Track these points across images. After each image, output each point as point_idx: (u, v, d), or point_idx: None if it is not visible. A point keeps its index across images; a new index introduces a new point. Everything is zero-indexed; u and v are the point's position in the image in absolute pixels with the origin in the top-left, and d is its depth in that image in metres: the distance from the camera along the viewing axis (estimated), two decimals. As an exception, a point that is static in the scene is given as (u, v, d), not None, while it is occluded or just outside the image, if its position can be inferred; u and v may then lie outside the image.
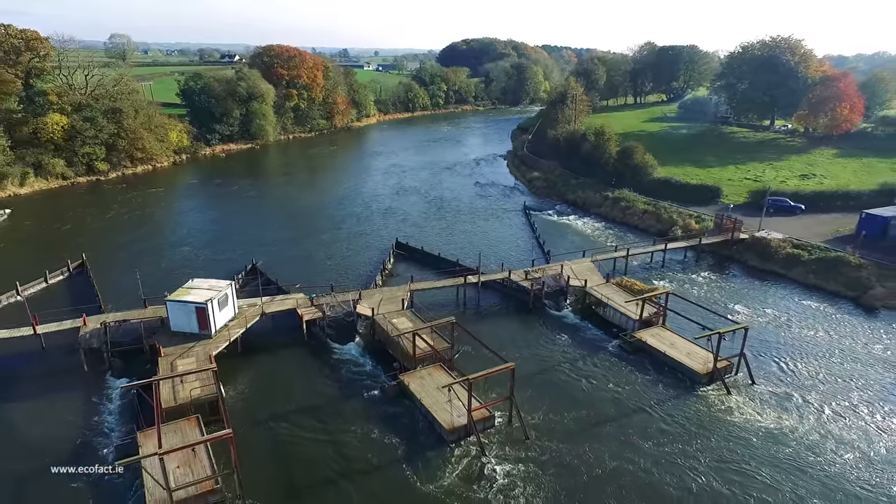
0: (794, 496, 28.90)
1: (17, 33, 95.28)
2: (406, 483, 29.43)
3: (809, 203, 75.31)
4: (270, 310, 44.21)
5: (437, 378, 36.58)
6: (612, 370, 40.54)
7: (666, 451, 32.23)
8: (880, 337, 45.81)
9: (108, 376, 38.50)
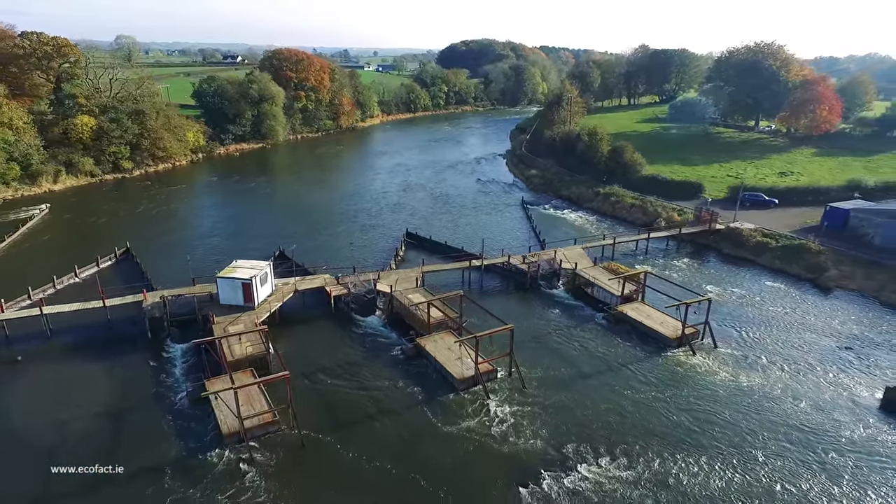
0: (748, 430, 35.71)
1: (48, 40, 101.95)
2: (427, 420, 36.25)
3: (783, 198, 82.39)
4: (302, 287, 51.08)
5: (449, 341, 43.45)
6: (597, 337, 47.44)
7: (643, 398, 39.10)
8: (831, 312, 52.81)
9: (168, 341, 45.26)
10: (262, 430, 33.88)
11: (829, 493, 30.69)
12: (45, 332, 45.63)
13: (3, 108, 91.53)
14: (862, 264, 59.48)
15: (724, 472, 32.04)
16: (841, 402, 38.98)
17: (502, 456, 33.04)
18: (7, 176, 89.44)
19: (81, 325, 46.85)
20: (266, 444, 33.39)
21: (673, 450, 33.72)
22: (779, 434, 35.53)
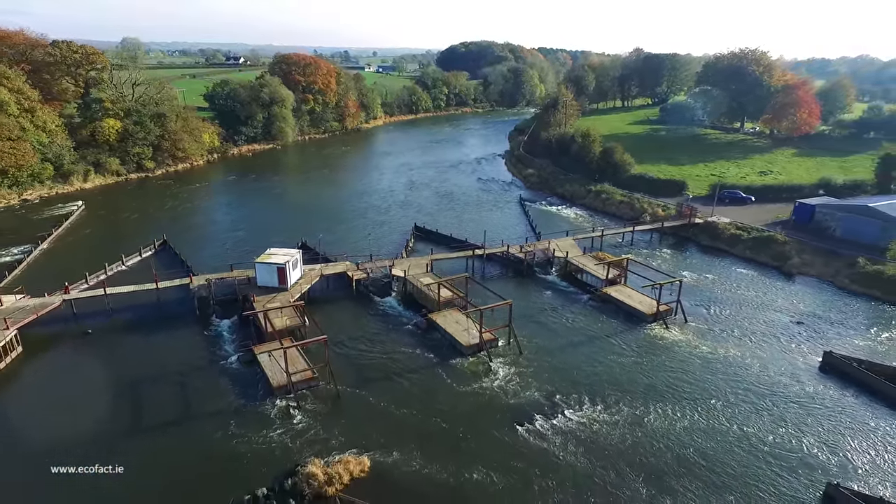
0: (709, 386, 42.86)
1: (77, 49, 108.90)
2: (441, 378, 43.41)
3: (759, 195, 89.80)
4: (327, 272, 58.24)
5: (456, 316, 50.67)
6: (585, 315, 54.68)
7: (622, 361, 46.31)
8: (791, 294, 60.17)
9: (214, 317, 52.34)
10: (305, 384, 41.01)
11: (774, 432, 37.84)
12: (107, 310, 52.70)
13: (38, 112, 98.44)
14: (821, 253, 66.86)
15: (687, 417, 39.25)
16: (789, 364, 46.27)
17: (504, 404, 40.23)
18: (42, 175, 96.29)
19: (137, 305, 53.94)
20: (308, 396, 40.52)
21: (645, 400, 40.93)
22: (736, 389, 42.74)
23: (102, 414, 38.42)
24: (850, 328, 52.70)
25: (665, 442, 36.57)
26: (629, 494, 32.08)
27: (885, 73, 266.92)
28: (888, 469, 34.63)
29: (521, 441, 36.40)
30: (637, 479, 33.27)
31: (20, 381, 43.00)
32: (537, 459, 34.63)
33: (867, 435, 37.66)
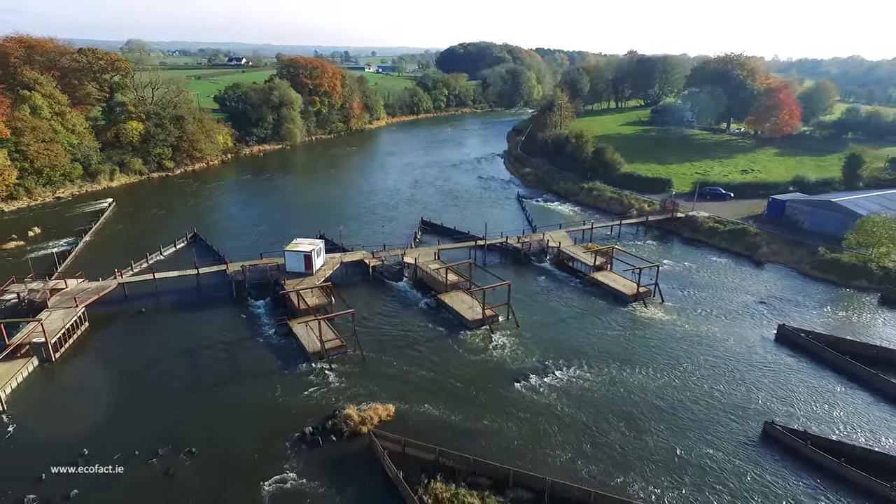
0: (680, 353, 50.24)
1: (102, 55, 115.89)
2: (450, 347, 50.75)
3: (738, 191, 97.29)
4: (346, 260, 65.62)
5: (462, 296, 58.03)
6: (574, 296, 62.11)
7: (605, 333, 53.75)
8: (758, 278, 67.70)
9: (249, 299, 59.63)
10: (335, 351, 48.32)
11: (731, 388, 45.19)
12: (155, 293, 59.99)
13: (68, 116, 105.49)
14: (788, 243, 74.41)
15: (660, 378, 46.63)
16: (750, 336, 53.75)
17: (504, 367, 47.62)
18: (72, 174, 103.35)
19: (180, 288, 61.23)
20: (338, 361, 47.85)
21: (624, 364, 48.33)
22: (702, 356, 50.16)
23: (162, 377, 45.68)
24: (806, 307, 60.24)
25: (640, 396, 43.98)
26: (608, 433, 39.46)
27: (871, 75, 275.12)
28: (822, 414, 42.07)
29: (519, 395, 43.79)
30: (614, 422, 40.67)
31: (90, 351, 50.29)
32: (532, 408, 42.03)
33: (810, 391, 45.14)
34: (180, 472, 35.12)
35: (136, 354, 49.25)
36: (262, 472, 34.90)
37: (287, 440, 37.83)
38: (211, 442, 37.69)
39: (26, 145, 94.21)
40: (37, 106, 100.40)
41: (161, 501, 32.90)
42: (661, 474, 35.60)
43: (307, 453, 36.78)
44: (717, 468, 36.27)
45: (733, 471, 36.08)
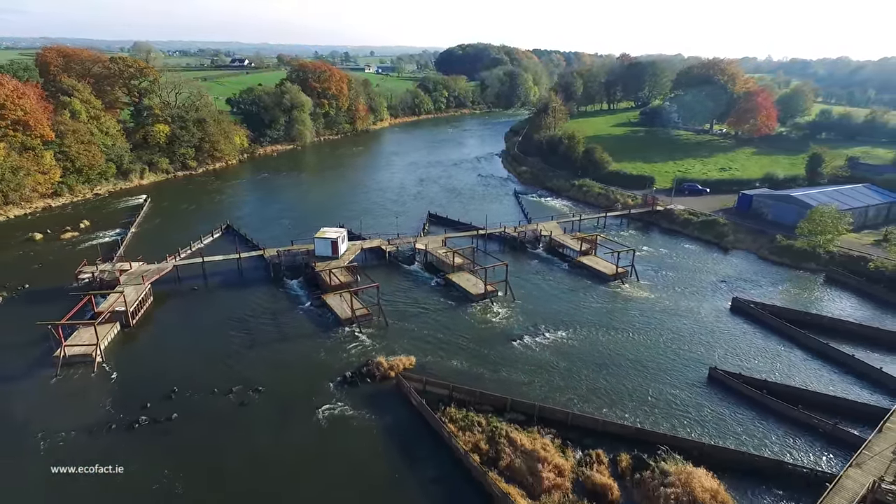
0: (650, 321, 60.39)
1: (132, 63, 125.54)
2: (458, 315, 60.85)
3: (714, 187, 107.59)
4: (366, 246, 75.66)
5: (467, 276, 68.13)
6: (562, 276, 72.29)
7: (587, 305, 63.90)
8: (723, 262, 78.00)
9: (285, 279, 69.59)
10: (363, 318, 58.33)
11: (692, 348, 55.38)
12: (202, 274, 69.86)
13: (102, 119, 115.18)
14: (752, 232, 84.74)
15: (632, 339, 56.78)
16: (709, 307, 64.00)
17: (502, 330, 57.72)
18: (107, 173, 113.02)
19: (224, 271, 71.22)
20: (366, 326, 57.86)
21: (602, 329, 58.48)
22: (669, 322, 60.33)
23: (222, 338, 55.62)
24: (761, 286, 70.56)
25: (614, 351, 54.15)
26: (585, 376, 49.56)
27: (855, 77, 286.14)
28: (761, 364, 52.22)
29: (515, 350, 53.95)
30: (591, 368, 50.81)
31: (158, 319, 60.25)
32: (525, 359, 52.16)
33: (755, 349, 55.39)
34: (252, 403, 45.15)
35: (197, 322, 59.27)
36: (316, 404, 44.93)
37: (332, 382, 47.90)
38: (272, 383, 47.68)
39: (68, 146, 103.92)
40: (76, 110, 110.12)
41: (241, 424, 42.86)
42: (628, 403, 45.76)
43: (348, 391, 46.85)
44: (671, 399, 46.45)
45: (686, 400, 46.25)
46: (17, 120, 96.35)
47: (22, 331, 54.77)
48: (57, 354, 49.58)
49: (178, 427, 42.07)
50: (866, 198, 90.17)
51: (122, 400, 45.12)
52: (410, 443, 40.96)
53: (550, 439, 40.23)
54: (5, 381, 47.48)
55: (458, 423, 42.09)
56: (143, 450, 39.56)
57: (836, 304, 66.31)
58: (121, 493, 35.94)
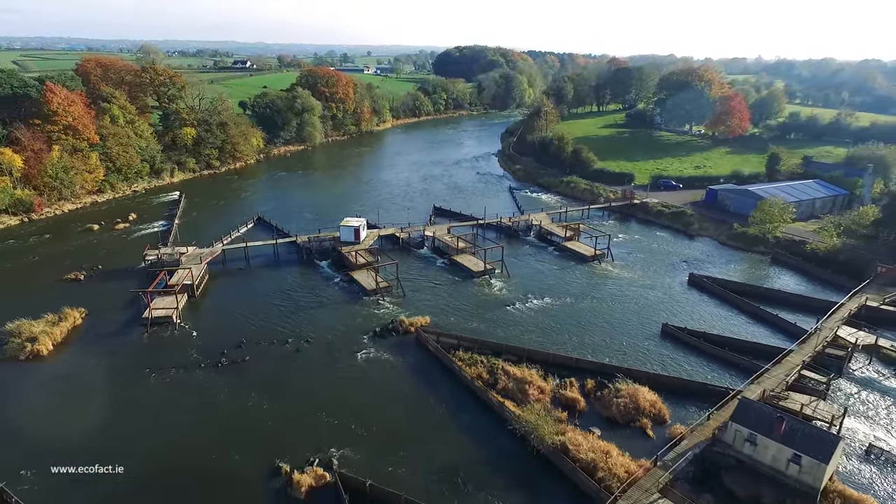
0: (621, 292, 73.60)
1: (162, 72, 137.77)
2: (463, 287, 73.87)
3: (687, 183, 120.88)
4: (382, 234, 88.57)
5: (468, 257, 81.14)
6: (550, 258, 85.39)
7: (574, 282, 76.99)
8: (688, 247, 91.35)
9: (315, 261, 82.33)
10: (385, 290, 71.18)
11: (652, 312, 68.44)
12: (245, 257, 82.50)
13: (137, 123, 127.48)
14: (715, 222, 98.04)
15: (604, 305, 69.86)
16: (670, 281, 77.24)
17: (499, 299, 70.74)
18: (142, 172, 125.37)
19: (263, 255, 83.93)
20: (388, 296, 70.73)
21: (580, 297, 71.54)
22: (636, 292, 73.45)
23: (270, 305, 68.32)
24: (716, 265, 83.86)
25: (589, 313, 67.26)
26: (565, 330, 62.59)
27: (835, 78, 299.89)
28: (706, 323, 65.27)
29: (509, 312, 66.98)
30: (570, 325, 63.86)
31: (215, 291, 72.95)
32: (517, 318, 65.18)
33: (706, 313, 68.55)
34: (304, 350, 58.02)
35: (247, 293, 72.05)
36: (354, 350, 57.84)
37: (365, 335, 60.82)
38: (318, 336, 60.54)
39: (109, 148, 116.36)
40: (114, 115, 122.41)
41: (298, 364, 55.63)
42: (597, 348, 58.83)
43: (379, 341, 59.76)
44: (632, 346, 59.59)
45: (642, 346, 59.40)
46: (68, 125, 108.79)
47: (108, 301, 67.59)
48: (145, 316, 62.39)
49: (250, 366, 54.90)
50: (814, 192, 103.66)
51: (204, 348, 57.88)
52: (429, 375, 53.98)
53: (536, 371, 53.17)
54: (108, 337, 60.21)
55: (465, 361, 54.97)
56: (228, 381, 52.39)
57: (778, 279, 79.71)
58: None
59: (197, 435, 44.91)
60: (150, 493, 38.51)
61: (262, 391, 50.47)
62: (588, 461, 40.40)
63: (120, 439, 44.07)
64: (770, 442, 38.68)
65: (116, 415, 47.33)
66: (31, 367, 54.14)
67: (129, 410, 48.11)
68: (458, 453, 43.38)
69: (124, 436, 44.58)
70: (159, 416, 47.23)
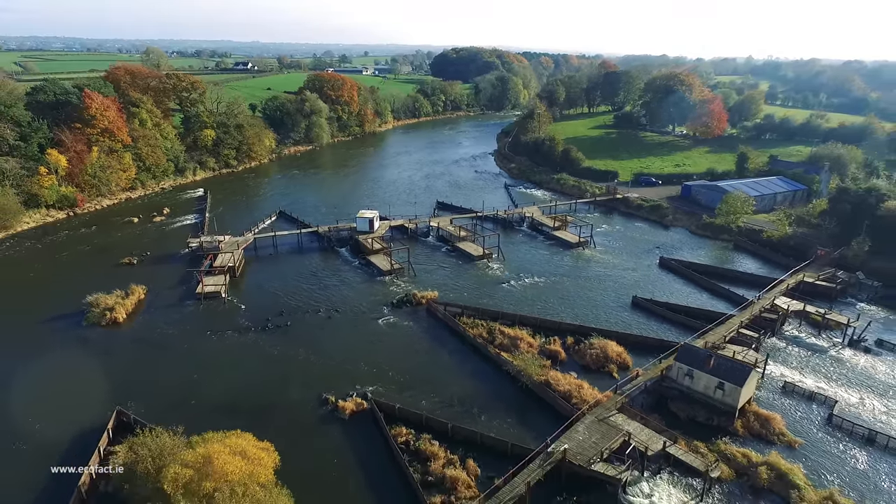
0: (601, 272, 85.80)
1: (184, 78, 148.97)
2: (463, 269, 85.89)
3: (666, 179, 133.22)
4: (393, 224, 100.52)
5: (469, 244, 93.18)
6: (540, 245, 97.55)
7: (561, 264, 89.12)
8: (662, 235, 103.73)
9: (335, 248, 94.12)
10: (397, 271, 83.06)
11: (625, 288, 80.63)
12: (272, 245, 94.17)
13: (162, 126, 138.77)
14: (687, 214, 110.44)
15: (585, 282, 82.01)
16: (644, 264, 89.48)
17: (496, 277, 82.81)
18: (168, 171, 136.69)
19: (288, 243, 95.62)
20: (401, 276, 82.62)
21: (565, 277, 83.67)
22: (613, 273, 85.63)
23: (299, 283, 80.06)
24: (686, 251, 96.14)
25: (573, 289, 79.36)
26: (550, 302, 74.66)
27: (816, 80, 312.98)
28: (670, 296, 77.43)
29: (504, 288, 79.05)
30: (554, 297, 75.94)
31: (251, 272, 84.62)
32: (510, 292, 77.23)
33: (669, 286, 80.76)
34: (335, 317, 69.84)
35: (279, 274, 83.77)
36: (375, 317, 69.73)
37: (385, 306, 72.74)
38: (345, 307, 72.39)
39: (140, 149, 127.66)
40: (143, 119, 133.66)
41: (331, 327, 67.47)
42: (580, 316, 70.87)
43: (396, 311, 71.68)
44: (607, 314, 71.69)
45: (615, 314, 71.54)
46: (105, 128, 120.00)
47: (162, 280, 79.32)
48: (198, 291, 74.15)
49: (292, 329, 66.73)
50: (776, 187, 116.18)
51: (251, 316, 69.67)
52: (439, 336, 65.95)
53: (526, 332, 65.16)
54: (169, 308, 71.90)
55: (468, 325, 66.90)
56: (277, 340, 64.18)
57: (737, 262, 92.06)
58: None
59: (262, 378, 56.61)
60: (238, 415, 49.88)
61: (306, 347, 62.31)
62: (565, 391, 52.47)
63: (201, 383, 55.80)
64: (703, 374, 50.82)
65: (194, 365, 59.06)
66: (112, 332, 65.83)
67: (203, 361, 59.84)
68: (464, 389, 55.38)
69: (204, 381, 56.26)
70: (228, 366, 58.99)
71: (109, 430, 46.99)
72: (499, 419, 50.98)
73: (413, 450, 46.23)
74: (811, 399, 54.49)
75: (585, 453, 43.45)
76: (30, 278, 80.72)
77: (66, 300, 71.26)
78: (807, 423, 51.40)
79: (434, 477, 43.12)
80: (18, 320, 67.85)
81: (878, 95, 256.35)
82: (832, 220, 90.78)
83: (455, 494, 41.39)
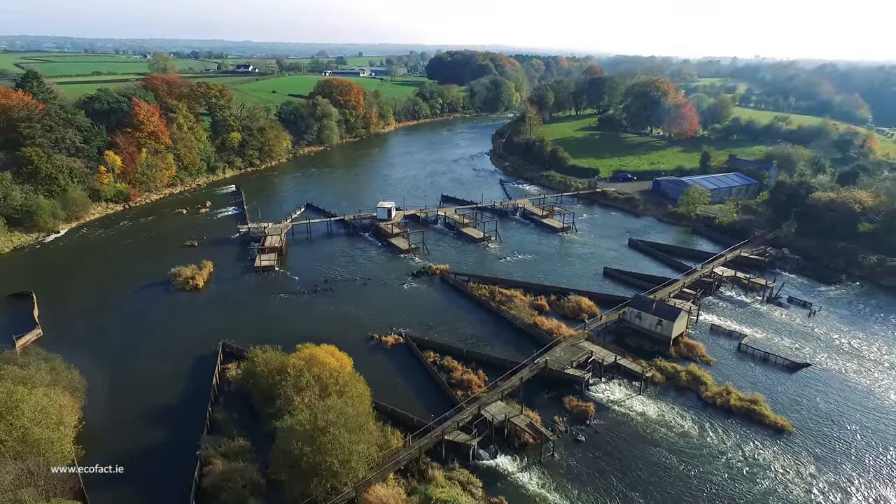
0: (581, 252, 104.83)
1: (213, 86, 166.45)
2: (467, 249, 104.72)
3: (641, 175, 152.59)
4: (407, 214, 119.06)
5: (471, 229, 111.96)
6: (531, 231, 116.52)
7: (546, 244, 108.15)
8: (633, 223, 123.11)
9: (360, 233, 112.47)
10: (414, 251, 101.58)
11: (598, 262, 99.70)
12: (307, 231, 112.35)
13: (196, 129, 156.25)
14: (656, 205, 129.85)
15: (567, 259, 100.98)
16: (616, 244, 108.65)
17: (494, 255, 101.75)
18: (202, 170, 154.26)
19: (318, 229, 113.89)
20: (416, 254, 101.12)
21: (551, 255, 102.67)
22: (590, 253, 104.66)
23: (334, 259, 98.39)
24: (652, 234, 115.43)
25: (558, 265, 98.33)
26: (538, 272, 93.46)
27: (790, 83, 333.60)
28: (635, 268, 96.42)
29: (501, 263, 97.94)
30: (540, 269, 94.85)
31: (293, 253, 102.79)
32: (507, 267, 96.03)
33: (637, 263, 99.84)
34: (368, 284, 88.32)
35: (316, 253, 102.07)
36: (400, 283, 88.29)
37: (408, 275, 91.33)
38: (374, 277, 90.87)
39: (179, 150, 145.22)
40: (179, 123, 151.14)
41: (365, 291, 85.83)
42: (563, 282, 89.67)
43: (416, 279, 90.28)
44: (584, 281, 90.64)
45: (590, 281, 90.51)
46: (151, 132, 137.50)
47: (223, 257, 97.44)
48: (256, 265, 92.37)
49: (337, 291, 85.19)
50: (732, 182, 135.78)
51: (302, 283, 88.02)
52: (451, 296, 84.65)
53: (519, 291, 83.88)
54: (235, 279, 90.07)
55: (474, 288, 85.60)
56: (327, 299, 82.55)
57: (694, 242, 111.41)
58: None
59: (322, 325, 74.76)
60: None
61: (350, 304, 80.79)
62: (547, 329, 71.31)
63: (277, 329, 73.94)
64: (648, 315, 69.78)
65: (268, 317, 77.29)
66: (194, 295, 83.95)
67: (274, 315, 78.14)
68: (473, 329, 74.10)
69: (279, 327, 74.28)
70: (294, 318, 77.29)
71: (220, 355, 65.30)
72: (499, 348, 69.77)
73: (438, 366, 64.90)
74: (730, 335, 73.71)
75: (560, 363, 62.36)
76: (115, 256, 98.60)
77: (151, 272, 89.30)
78: (723, 350, 70.60)
79: (455, 380, 61.86)
80: (120, 287, 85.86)
81: (841, 98, 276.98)
82: (769, 208, 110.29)
83: (470, 390, 60.09)
